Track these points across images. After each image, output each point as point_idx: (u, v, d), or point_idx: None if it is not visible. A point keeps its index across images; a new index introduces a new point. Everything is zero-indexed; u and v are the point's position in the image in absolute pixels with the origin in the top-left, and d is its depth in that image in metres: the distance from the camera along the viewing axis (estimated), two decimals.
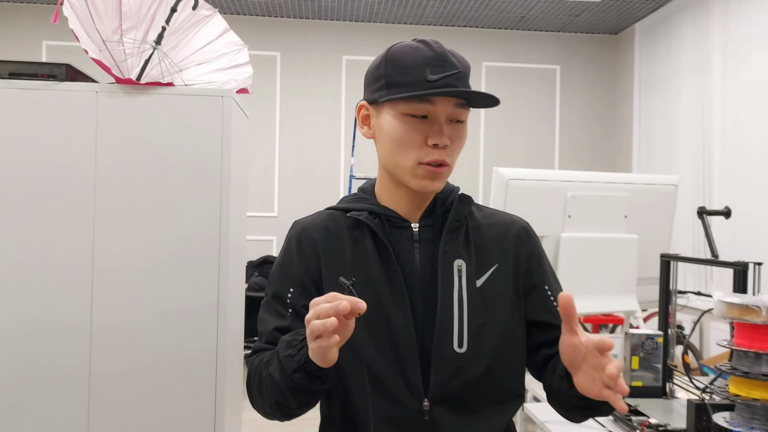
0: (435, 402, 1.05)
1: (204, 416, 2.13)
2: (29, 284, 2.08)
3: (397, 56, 1.08)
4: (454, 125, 1.08)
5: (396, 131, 1.08)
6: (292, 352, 0.98)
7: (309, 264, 1.13)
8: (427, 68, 1.05)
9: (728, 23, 4.94)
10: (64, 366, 2.09)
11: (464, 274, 1.10)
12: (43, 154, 2.09)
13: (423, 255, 1.11)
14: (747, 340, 1.31)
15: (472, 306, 1.09)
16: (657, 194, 3.02)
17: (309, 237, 1.15)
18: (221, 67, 2.49)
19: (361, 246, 1.12)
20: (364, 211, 1.13)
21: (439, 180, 1.09)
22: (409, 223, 1.14)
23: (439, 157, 1.06)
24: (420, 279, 1.10)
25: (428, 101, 1.05)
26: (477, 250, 1.13)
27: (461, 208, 1.14)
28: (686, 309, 4.85)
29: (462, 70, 1.07)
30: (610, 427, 1.80)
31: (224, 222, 2.14)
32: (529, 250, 1.17)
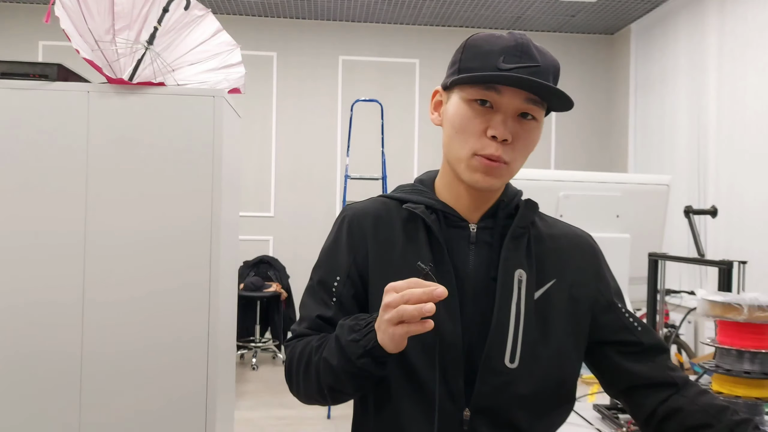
0: (476, 413, 1.00)
1: (195, 418, 2.13)
2: (20, 289, 2.09)
3: (477, 42, 1.02)
4: (523, 122, 1.00)
5: (458, 116, 1.02)
6: (356, 337, 0.95)
7: (357, 253, 1.08)
8: (502, 56, 0.98)
9: (724, 24, 4.95)
10: (56, 357, 2.09)
11: (524, 285, 1.03)
12: (35, 154, 2.10)
13: (478, 259, 1.05)
14: (729, 337, 1.33)
15: (528, 320, 1.03)
16: (649, 194, 3.03)
17: (359, 224, 1.10)
18: (214, 67, 2.50)
19: (414, 241, 1.06)
20: (421, 205, 1.07)
21: (494, 177, 1.00)
22: (467, 222, 1.07)
23: (495, 152, 0.98)
24: (473, 283, 1.04)
25: (494, 89, 0.98)
26: (537, 262, 1.07)
27: (527, 215, 1.07)
28: (680, 308, 4.87)
29: (542, 66, 0.99)
30: (597, 425, 1.81)
31: (215, 221, 2.15)
32: (596, 268, 1.11)
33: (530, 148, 1.03)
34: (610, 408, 1.88)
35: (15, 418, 2.08)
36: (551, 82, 1.01)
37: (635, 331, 1.09)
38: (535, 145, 1.05)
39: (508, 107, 0.99)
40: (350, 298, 1.08)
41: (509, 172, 1.02)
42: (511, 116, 1.00)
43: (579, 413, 1.93)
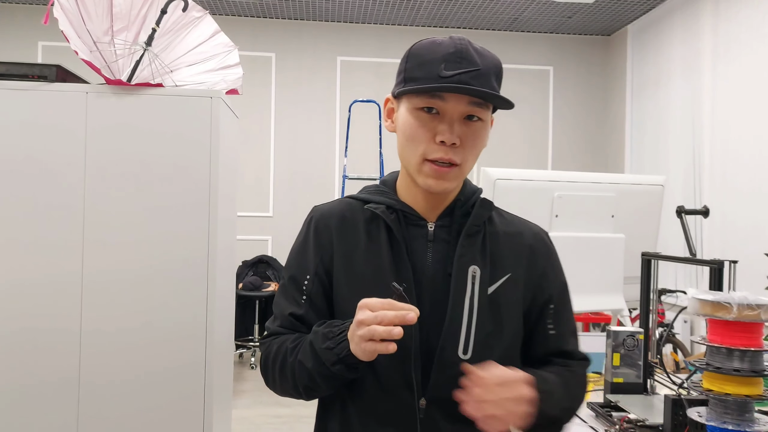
0: (431, 402, 1.06)
1: (193, 416, 2.15)
2: (18, 286, 2.10)
3: (419, 51, 1.06)
4: (469, 124, 1.05)
5: (407, 125, 1.07)
6: (330, 345, 1.02)
7: (323, 252, 1.14)
8: (443, 63, 1.02)
9: (718, 25, 4.98)
10: (53, 366, 2.11)
11: (477, 281, 1.08)
12: (33, 154, 2.11)
13: (436, 256, 1.10)
14: (719, 336, 1.34)
15: (481, 313, 1.08)
16: (644, 194, 3.05)
17: (325, 224, 1.15)
18: (212, 68, 2.52)
19: (376, 240, 1.11)
20: (382, 205, 1.12)
21: (445, 180, 1.06)
22: (426, 221, 1.12)
23: (445, 156, 1.03)
24: (431, 279, 1.09)
25: (439, 97, 1.03)
26: (492, 258, 1.11)
27: (481, 213, 1.13)
28: (675, 308, 4.89)
29: (482, 68, 1.03)
30: (591, 423, 1.83)
31: (213, 221, 2.17)
32: (543, 265, 1.15)
33: (479, 147, 1.08)
34: (604, 406, 1.90)
35: (12, 416, 2.09)
36: (493, 82, 1.05)
37: (547, 334, 1.15)
38: (485, 143, 1.09)
39: (453, 112, 1.04)
40: (320, 296, 1.14)
41: (461, 173, 1.07)
42: (457, 120, 1.04)
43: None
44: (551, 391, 1.05)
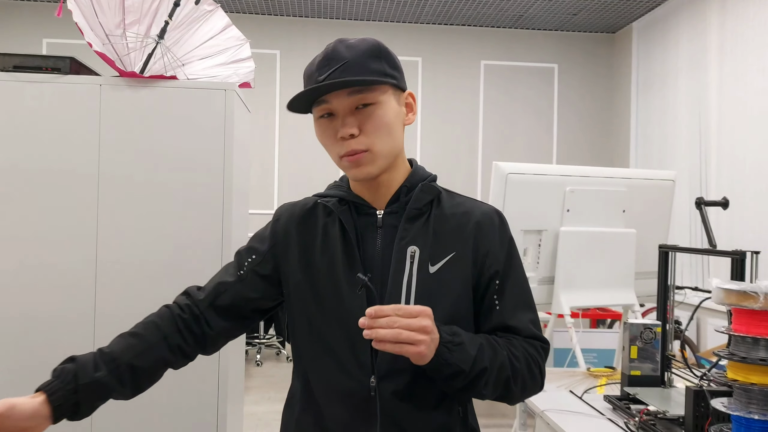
0: (381, 379, 1.11)
1: (206, 410, 2.14)
2: (33, 277, 2.09)
3: (305, 71, 1.16)
4: (363, 111, 1.11)
5: (318, 134, 1.17)
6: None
7: (276, 243, 1.23)
8: (317, 72, 1.11)
9: (725, 21, 4.97)
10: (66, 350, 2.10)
11: (416, 259, 1.14)
12: (47, 146, 2.10)
13: (384, 241, 1.16)
14: (745, 325, 1.33)
15: (421, 292, 1.12)
16: (655, 189, 3.04)
17: (287, 219, 1.25)
18: (223, 62, 2.52)
19: (330, 231, 1.19)
20: (334, 198, 1.20)
21: (363, 166, 1.12)
22: (375, 209, 1.18)
23: (349, 148, 1.11)
24: (380, 264, 1.15)
25: (323, 101, 1.11)
26: (435, 238, 1.16)
27: (422, 197, 1.18)
28: (683, 305, 4.88)
29: (349, 59, 1.10)
30: (609, 415, 1.83)
31: (227, 213, 2.16)
32: (489, 242, 1.18)
33: (384, 127, 1.13)
34: (621, 399, 1.89)
35: None
36: (371, 64, 1.11)
37: (493, 309, 1.18)
38: (392, 121, 1.14)
39: (342, 108, 1.11)
40: (256, 276, 1.22)
41: (375, 156, 1.13)
42: (349, 113, 1.12)
43: (590, 404, 1.94)
44: (460, 342, 1.07)
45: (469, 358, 1.07)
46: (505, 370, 1.11)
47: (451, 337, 1.07)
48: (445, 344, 1.05)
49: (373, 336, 1.00)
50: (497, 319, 1.17)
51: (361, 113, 1.11)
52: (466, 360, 1.06)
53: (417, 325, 1.01)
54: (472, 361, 1.07)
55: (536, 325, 1.20)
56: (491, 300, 1.18)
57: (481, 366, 1.08)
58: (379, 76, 1.12)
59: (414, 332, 1.00)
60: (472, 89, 6.74)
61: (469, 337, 1.10)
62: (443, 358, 1.05)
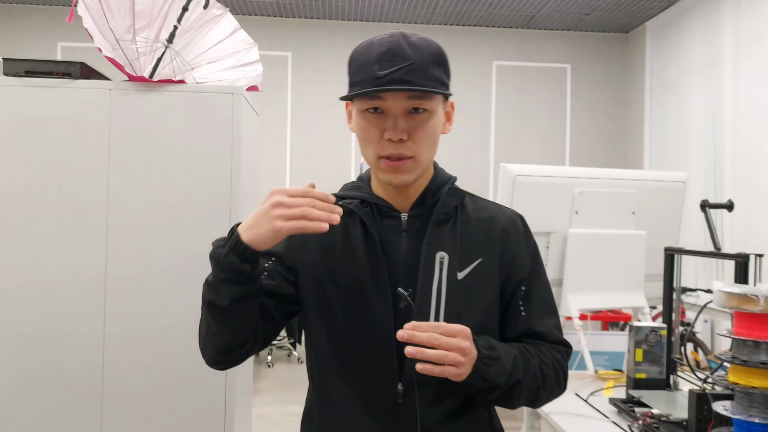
0: (408, 387, 1.08)
1: (215, 414, 2.16)
2: (41, 284, 2.13)
3: (355, 56, 1.11)
4: (415, 116, 1.07)
5: (358, 127, 1.11)
6: (221, 242, 1.05)
7: (291, 247, 1.18)
8: (377, 64, 1.05)
9: (739, 20, 4.92)
10: (76, 344, 2.13)
11: (446, 266, 1.11)
12: (58, 150, 2.14)
13: (409, 245, 1.13)
14: (746, 329, 1.33)
15: (450, 298, 1.10)
16: (665, 191, 3.02)
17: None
18: (232, 65, 2.54)
19: (351, 234, 1.15)
20: (356, 200, 1.16)
21: (402, 173, 1.09)
22: (399, 212, 1.15)
23: (395, 151, 1.07)
24: (405, 269, 1.12)
25: (378, 97, 1.06)
26: (462, 243, 1.14)
27: (449, 201, 1.15)
28: (696, 307, 4.84)
29: (415, 62, 1.05)
30: (614, 418, 1.82)
31: (234, 217, 2.18)
32: (515, 248, 1.17)
33: (432, 136, 1.10)
34: (626, 402, 1.89)
35: (36, 417, 2.12)
36: (432, 71, 1.07)
37: (518, 315, 1.17)
38: (438, 131, 1.11)
39: (395, 109, 1.06)
40: (279, 277, 1.17)
41: (417, 165, 1.10)
42: (401, 116, 1.07)
43: (595, 407, 1.94)
44: (497, 357, 1.06)
45: (505, 372, 1.06)
46: (536, 380, 1.12)
47: (488, 351, 1.05)
48: (482, 359, 1.04)
49: (419, 356, 0.97)
50: (523, 326, 1.17)
51: (413, 118, 1.07)
52: (502, 374, 1.06)
53: (456, 345, 0.99)
54: (507, 375, 1.06)
55: (559, 330, 1.20)
56: (517, 306, 1.17)
57: (516, 378, 1.08)
58: (439, 83, 1.08)
59: (455, 353, 0.99)
60: (485, 90, 6.73)
61: (504, 349, 1.09)
62: (481, 374, 1.04)
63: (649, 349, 1.92)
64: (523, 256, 1.18)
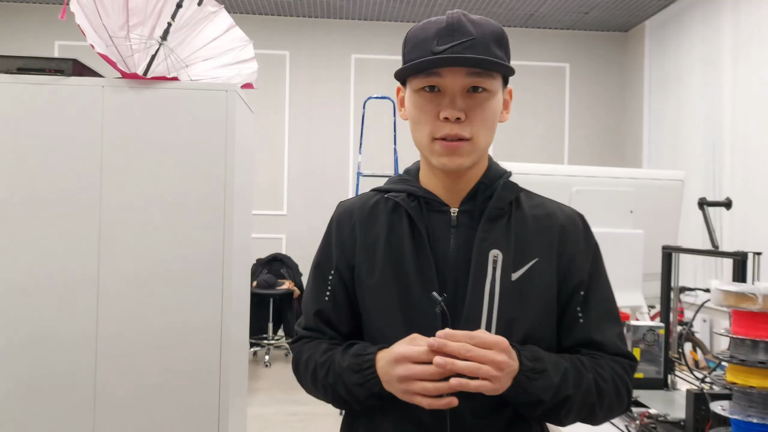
0: (456, 394, 0.99)
1: (209, 415, 2.14)
2: (33, 284, 2.11)
3: (413, 33, 1.06)
4: (474, 96, 1.01)
5: (412, 107, 1.05)
6: (359, 380, 1.03)
7: (344, 248, 1.13)
8: (436, 39, 1.00)
9: (738, 20, 4.91)
10: (70, 343, 2.11)
11: (499, 265, 1.04)
12: (50, 148, 2.12)
13: (459, 242, 1.06)
14: (744, 328, 1.31)
15: (503, 300, 1.03)
16: (663, 189, 3.01)
17: (348, 219, 1.14)
18: (227, 63, 2.52)
19: (398, 229, 1.08)
20: (402, 193, 1.09)
21: (458, 156, 1.02)
22: (448, 207, 1.08)
23: (451, 131, 1.01)
24: (453, 266, 1.05)
25: (436, 74, 1.00)
26: (517, 241, 1.06)
27: (505, 195, 1.07)
28: (694, 306, 4.82)
29: (477, 37, 0.99)
30: None
31: (228, 217, 2.16)
32: (573, 249, 1.09)
33: (490, 119, 1.03)
34: None
35: (28, 420, 2.10)
36: (494, 49, 1.01)
37: (576, 322, 1.10)
38: (496, 114, 1.05)
39: (454, 87, 1.00)
40: (341, 291, 1.13)
41: (474, 148, 1.03)
42: (460, 94, 1.01)
43: None
44: (542, 370, 0.99)
45: (550, 387, 0.99)
46: (591, 396, 1.03)
47: (532, 363, 0.98)
48: (525, 372, 0.97)
49: (448, 367, 0.92)
50: (581, 334, 1.08)
51: (471, 98, 1.01)
52: (547, 389, 0.98)
53: (491, 358, 0.93)
54: (554, 389, 0.99)
55: (623, 340, 1.12)
56: (574, 312, 1.09)
57: (565, 394, 1.00)
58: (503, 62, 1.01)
59: (489, 367, 0.92)
60: None
61: (553, 361, 1.01)
62: (522, 387, 0.97)
63: (646, 349, 1.90)
64: (583, 258, 1.09)
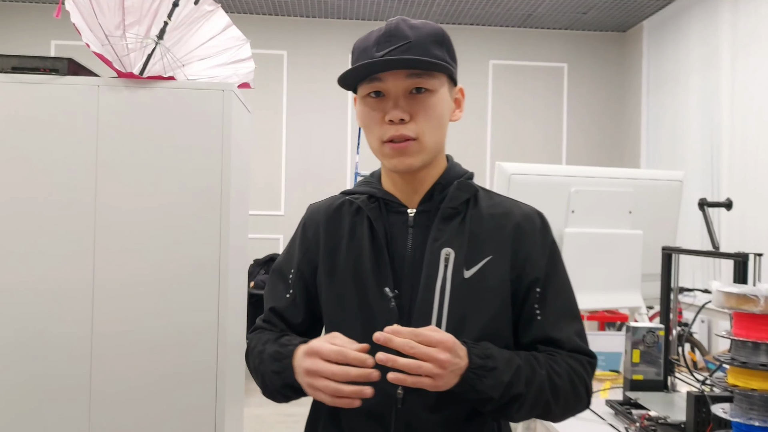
0: (408, 391, 1.03)
1: (205, 416, 2.13)
2: (29, 286, 2.09)
3: (357, 43, 1.10)
4: (417, 96, 1.04)
5: (360, 114, 1.09)
6: (277, 368, 1.05)
7: (309, 249, 1.16)
8: (375, 46, 1.04)
9: (737, 19, 4.90)
10: (65, 342, 2.10)
11: (451, 263, 1.06)
12: (45, 147, 2.10)
13: (416, 241, 1.09)
14: (745, 329, 1.30)
15: (455, 298, 1.05)
16: (662, 190, 3.00)
17: (314, 221, 1.18)
18: (223, 62, 2.50)
19: (359, 230, 1.12)
20: (364, 195, 1.13)
21: (408, 156, 1.05)
22: (406, 207, 1.11)
23: (396, 133, 1.04)
24: (410, 265, 1.08)
25: (377, 79, 1.04)
26: (471, 240, 1.08)
27: (458, 195, 1.10)
28: (693, 307, 4.82)
29: (414, 40, 1.03)
30: (610, 420, 1.79)
31: (224, 218, 2.15)
32: (529, 247, 1.10)
33: (436, 118, 1.06)
34: (623, 403, 1.86)
35: (23, 420, 2.08)
36: (433, 50, 1.04)
37: (533, 319, 1.10)
38: (444, 113, 1.08)
39: (395, 89, 1.04)
40: (301, 291, 1.17)
41: (422, 148, 1.06)
42: (402, 96, 1.04)
43: (592, 409, 1.90)
44: (492, 368, 0.99)
45: (499, 385, 0.99)
46: (544, 393, 1.03)
47: (482, 361, 0.99)
48: (473, 370, 0.97)
49: (389, 363, 0.93)
50: (538, 331, 1.09)
51: (414, 99, 1.04)
52: (496, 387, 0.99)
53: (434, 356, 0.93)
54: (503, 387, 0.99)
55: (582, 337, 1.11)
56: (532, 309, 1.10)
57: (515, 392, 1.00)
58: (441, 62, 1.04)
59: (431, 364, 0.93)
60: (481, 89, 6.70)
61: (504, 359, 1.01)
62: (470, 385, 0.98)
63: (646, 350, 1.89)
64: (539, 255, 1.11)
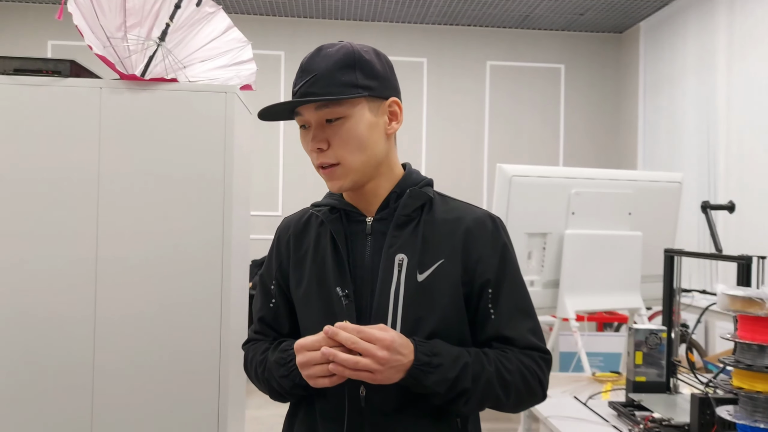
0: (370, 390, 1.10)
1: (208, 414, 2.13)
2: (33, 279, 2.08)
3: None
4: (332, 125, 1.11)
5: (301, 141, 1.19)
6: (284, 372, 1.14)
7: (281, 261, 1.25)
8: (294, 82, 1.13)
9: (733, 21, 4.93)
10: (67, 359, 2.09)
11: (404, 268, 1.12)
12: (47, 150, 2.09)
13: (373, 248, 1.16)
14: (750, 332, 1.31)
15: (408, 300, 1.11)
16: (661, 191, 3.01)
17: (286, 234, 1.26)
18: (225, 64, 2.50)
19: (323, 240, 1.19)
20: (326, 207, 1.21)
21: (336, 179, 1.13)
22: (365, 216, 1.18)
23: (317, 161, 1.13)
24: (369, 270, 1.15)
25: (298, 113, 1.13)
26: (424, 245, 1.14)
27: (410, 203, 1.16)
28: (690, 308, 4.84)
29: (318, 73, 1.10)
30: (613, 422, 1.80)
31: (227, 216, 2.14)
32: (479, 250, 1.15)
33: (354, 141, 1.12)
34: (626, 405, 1.87)
35: (26, 403, 2.08)
36: (338, 77, 1.10)
37: (487, 318, 1.15)
38: (362, 134, 1.12)
39: (312, 121, 1.13)
40: (281, 299, 1.25)
41: (348, 170, 1.13)
42: (318, 127, 1.12)
43: (594, 410, 1.91)
44: (438, 365, 1.05)
45: (445, 381, 1.05)
46: (492, 388, 1.09)
47: (428, 358, 1.05)
48: (419, 366, 1.04)
49: (330, 357, 1.01)
50: (492, 329, 1.15)
51: (330, 127, 1.12)
52: (441, 383, 1.05)
53: (372, 353, 1.01)
54: (449, 383, 1.05)
55: (536, 334, 1.16)
56: (486, 309, 1.15)
57: (462, 387, 1.06)
58: (347, 88, 1.10)
59: (369, 360, 1.01)
60: (478, 90, 6.71)
61: (452, 356, 1.07)
62: (417, 380, 1.05)
63: (648, 352, 1.90)
64: (489, 256, 1.16)
